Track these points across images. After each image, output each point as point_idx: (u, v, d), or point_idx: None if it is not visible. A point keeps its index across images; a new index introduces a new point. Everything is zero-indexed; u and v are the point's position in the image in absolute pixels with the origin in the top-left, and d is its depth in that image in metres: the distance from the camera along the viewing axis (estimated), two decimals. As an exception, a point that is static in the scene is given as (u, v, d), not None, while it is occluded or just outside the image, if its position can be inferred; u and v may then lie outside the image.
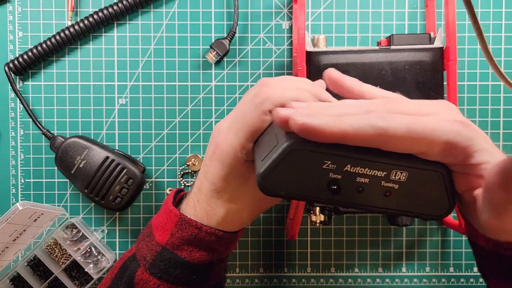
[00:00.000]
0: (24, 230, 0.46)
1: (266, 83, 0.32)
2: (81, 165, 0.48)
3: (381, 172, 0.26)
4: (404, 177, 0.26)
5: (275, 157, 0.26)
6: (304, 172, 0.26)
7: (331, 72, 0.33)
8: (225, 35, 0.51)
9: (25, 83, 0.51)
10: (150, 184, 0.52)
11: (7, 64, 0.50)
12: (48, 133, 0.50)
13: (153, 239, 0.38)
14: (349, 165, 0.26)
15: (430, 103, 0.28)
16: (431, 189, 0.26)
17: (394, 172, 0.26)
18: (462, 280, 0.53)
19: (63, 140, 0.49)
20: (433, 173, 0.26)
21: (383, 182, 0.26)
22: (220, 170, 0.34)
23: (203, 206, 0.36)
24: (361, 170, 0.26)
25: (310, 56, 0.44)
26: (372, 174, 0.26)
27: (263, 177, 0.26)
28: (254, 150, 0.32)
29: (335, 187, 0.26)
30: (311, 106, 0.28)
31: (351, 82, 0.32)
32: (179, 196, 0.42)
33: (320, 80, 0.35)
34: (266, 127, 0.31)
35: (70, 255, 0.49)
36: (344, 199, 0.27)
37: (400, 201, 0.27)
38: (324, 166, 0.26)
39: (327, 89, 0.34)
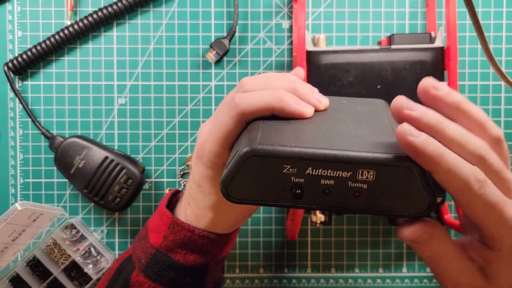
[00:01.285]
0: (23, 231, 0.46)
1: (243, 87, 0.32)
2: (80, 165, 0.47)
3: (346, 172, 0.24)
4: (372, 176, 0.24)
5: (234, 164, 0.25)
6: (266, 178, 0.25)
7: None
8: (225, 34, 0.51)
9: (24, 82, 0.51)
10: (150, 184, 0.52)
11: (6, 63, 0.49)
12: (48, 133, 0.50)
13: (147, 241, 0.38)
14: (310, 168, 0.25)
15: None
16: (406, 186, 0.24)
17: (360, 171, 0.24)
18: (462, 280, 0.53)
19: (63, 140, 0.48)
20: (404, 170, 0.24)
21: (350, 183, 0.25)
22: (204, 172, 0.34)
23: (193, 209, 0.36)
24: (324, 172, 0.25)
25: (310, 56, 0.44)
26: (337, 175, 0.25)
27: (224, 185, 0.26)
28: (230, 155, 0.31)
29: (298, 191, 0.25)
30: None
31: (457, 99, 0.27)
32: (176, 198, 0.42)
33: (298, 69, 0.34)
34: (240, 132, 0.31)
35: (69, 255, 0.49)
36: (309, 203, 0.26)
37: (373, 201, 0.25)
38: (284, 171, 0.25)
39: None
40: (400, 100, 0.25)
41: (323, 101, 0.32)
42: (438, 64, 0.44)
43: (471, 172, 0.24)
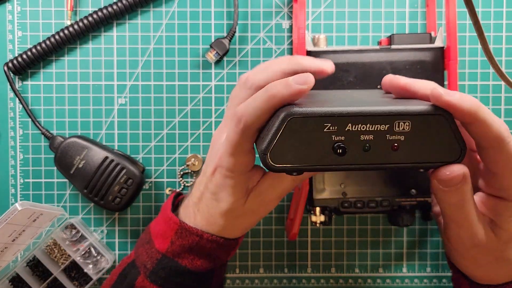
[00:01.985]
0: (23, 231, 0.46)
1: (246, 83, 0.33)
2: (80, 165, 0.47)
3: (384, 125, 0.26)
4: (408, 127, 0.26)
5: (275, 129, 0.26)
6: (307, 140, 0.26)
7: (389, 79, 0.33)
8: (225, 34, 0.51)
9: (24, 82, 0.51)
10: (150, 184, 0.52)
11: (6, 63, 0.49)
12: (47, 133, 0.50)
13: (153, 246, 0.38)
14: (349, 124, 0.26)
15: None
16: (438, 135, 0.26)
17: (397, 123, 0.26)
18: (462, 280, 0.53)
19: (63, 140, 0.48)
20: (436, 117, 0.26)
21: (388, 135, 0.26)
22: (222, 182, 0.34)
23: (204, 216, 0.36)
24: (363, 127, 0.26)
25: (311, 56, 0.44)
26: (375, 129, 0.26)
27: (266, 152, 0.26)
28: (257, 143, 0.31)
29: (340, 149, 0.26)
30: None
31: (404, 81, 0.32)
32: (178, 200, 0.42)
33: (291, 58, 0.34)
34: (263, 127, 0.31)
35: (69, 255, 0.49)
36: (351, 161, 0.26)
37: (410, 152, 0.26)
38: (325, 130, 0.26)
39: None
40: (437, 90, 0.27)
41: (327, 63, 0.33)
42: (438, 64, 0.44)
43: (503, 123, 0.28)
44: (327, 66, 0.33)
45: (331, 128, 0.26)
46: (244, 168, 0.33)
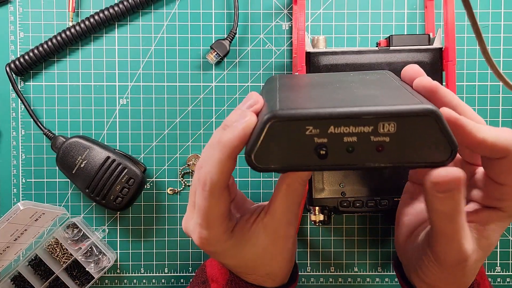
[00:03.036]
0: (25, 230, 0.46)
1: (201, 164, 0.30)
2: (82, 165, 0.48)
3: (368, 127, 0.25)
4: (393, 128, 0.25)
5: (258, 131, 0.26)
6: (289, 142, 0.26)
7: (425, 81, 0.30)
8: (225, 36, 0.52)
9: (26, 83, 0.52)
10: (151, 184, 0.52)
11: (8, 64, 0.50)
12: (49, 133, 0.50)
13: None
14: (332, 126, 0.25)
15: None
16: (426, 136, 0.25)
17: (381, 125, 0.25)
18: (461, 279, 0.53)
19: (64, 140, 0.49)
20: (424, 118, 0.24)
21: (372, 137, 0.25)
22: (228, 255, 0.33)
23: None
24: (346, 129, 0.25)
25: (310, 57, 0.44)
26: (359, 131, 0.25)
27: (249, 153, 0.26)
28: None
29: (323, 151, 0.25)
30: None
31: (447, 92, 0.30)
32: None
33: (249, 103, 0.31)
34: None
35: (71, 254, 0.50)
36: (334, 162, 0.26)
37: (396, 154, 0.25)
38: (307, 133, 0.25)
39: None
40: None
41: (253, 100, 0.29)
42: (436, 65, 0.44)
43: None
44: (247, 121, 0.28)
45: (313, 131, 0.25)
46: (228, 233, 0.31)
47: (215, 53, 0.50)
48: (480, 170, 0.32)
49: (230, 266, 0.35)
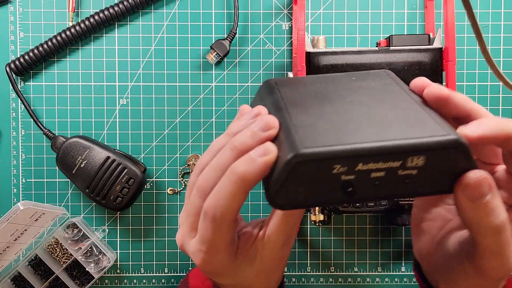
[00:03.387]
0: (25, 230, 0.46)
1: (199, 188, 0.28)
2: (82, 165, 0.48)
3: (397, 162, 0.24)
4: (422, 162, 0.24)
5: (280, 171, 0.24)
6: (315, 180, 0.24)
7: (435, 90, 0.28)
8: (225, 35, 0.52)
9: (26, 83, 0.52)
10: (151, 184, 0.52)
11: (8, 64, 0.50)
12: (49, 133, 0.50)
13: None
14: (360, 164, 0.24)
15: None
16: (452, 163, 0.25)
17: (411, 159, 0.24)
18: (461, 279, 0.53)
19: (64, 140, 0.49)
20: (452, 150, 0.24)
21: (399, 171, 0.24)
22: (226, 277, 0.32)
23: None
24: (374, 166, 0.24)
25: (310, 57, 0.44)
26: (387, 166, 0.24)
27: (272, 194, 0.24)
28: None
29: (350, 189, 0.24)
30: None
31: (460, 99, 0.29)
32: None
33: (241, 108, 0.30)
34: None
35: (71, 254, 0.50)
36: (360, 196, 0.25)
37: (421, 183, 0.25)
38: (334, 171, 0.24)
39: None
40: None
41: (266, 122, 0.27)
42: (436, 65, 0.44)
43: None
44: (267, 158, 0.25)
45: (340, 169, 0.24)
46: (231, 256, 0.30)
47: (215, 53, 0.50)
48: (500, 168, 0.30)
49: (224, 284, 0.34)
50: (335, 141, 0.24)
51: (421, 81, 0.30)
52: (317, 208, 0.46)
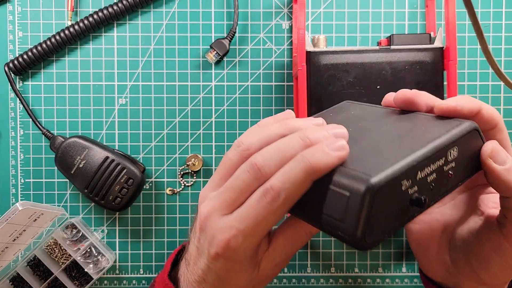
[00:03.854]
0: (24, 230, 0.46)
1: (256, 164, 0.27)
2: (81, 165, 0.48)
3: (441, 159, 0.26)
4: (456, 152, 0.27)
5: (357, 207, 0.23)
6: (389, 204, 0.24)
7: (400, 94, 0.31)
8: (225, 35, 0.51)
9: (25, 83, 0.51)
10: (150, 184, 0.52)
11: (7, 64, 0.50)
12: (48, 133, 0.50)
13: None
14: (419, 172, 0.25)
15: None
16: (473, 145, 0.28)
17: (450, 152, 0.27)
18: (462, 280, 0.53)
19: (63, 140, 0.49)
20: (472, 133, 0.28)
21: (444, 167, 0.27)
22: (230, 269, 0.30)
23: None
24: (428, 170, 0.26)
25: (310, 56, 0.44)
26: (436, 166, 0.26)
27: (354, 235, 0.24)
28: (298, 214, 0.29)
29: (420, 200, 0.25)
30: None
31: (424, 97, 0.31)
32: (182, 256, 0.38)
33: (288, 112, 0.31)
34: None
35: (70, 255, 0.49)
36: (427, 205, 0.26)
37: (459, 172, 0.28)
38: (403, 188, 0.25)
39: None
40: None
41: (339, 131, 0.28)
42: (437, 64, 0.44)
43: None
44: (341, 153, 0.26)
45: (407, 184, 0.25)
46: (256, 249, 0.30)
47: (215, 52, 0.50)
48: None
49: (239, 285, 0.33)
50: (388, 163, 0.25)
51: (388, 96, 0.33)
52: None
